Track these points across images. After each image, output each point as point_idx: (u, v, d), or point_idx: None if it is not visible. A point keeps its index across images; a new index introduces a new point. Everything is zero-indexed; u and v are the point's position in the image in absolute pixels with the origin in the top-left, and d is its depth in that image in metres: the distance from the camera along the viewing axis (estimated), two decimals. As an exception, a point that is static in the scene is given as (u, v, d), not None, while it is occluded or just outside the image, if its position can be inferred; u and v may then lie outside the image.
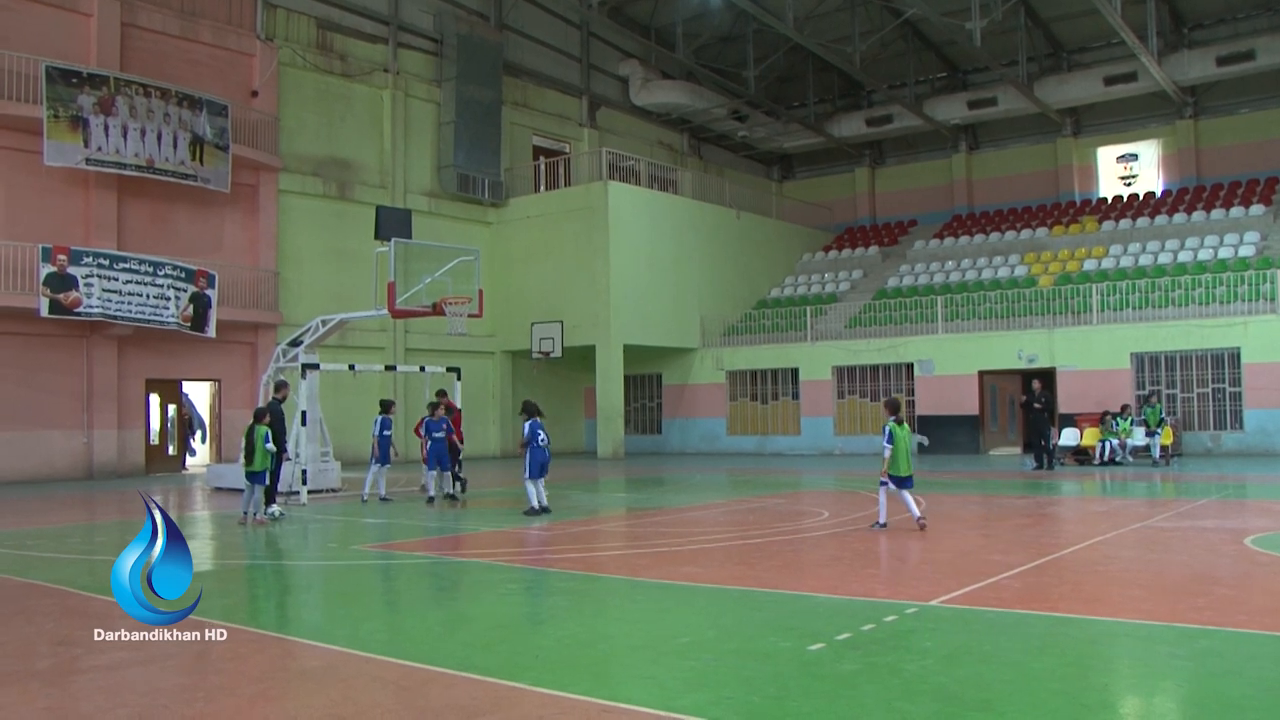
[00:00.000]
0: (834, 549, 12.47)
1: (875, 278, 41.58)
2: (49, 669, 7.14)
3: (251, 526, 15.59)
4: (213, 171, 29.24)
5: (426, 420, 19.53)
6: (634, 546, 13.36)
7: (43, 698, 6.51)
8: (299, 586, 10.98)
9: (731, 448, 37.96)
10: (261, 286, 31.31)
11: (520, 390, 37.58)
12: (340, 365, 23.23)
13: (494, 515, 17.26)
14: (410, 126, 36.27)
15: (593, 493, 21.88)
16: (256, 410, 16.60)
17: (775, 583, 10.12)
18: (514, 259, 37.76)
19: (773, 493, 21.04)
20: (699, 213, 39.63)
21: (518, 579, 10.78)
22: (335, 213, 33.69)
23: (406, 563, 12.27)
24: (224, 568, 12.13)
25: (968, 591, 9.35)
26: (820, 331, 37.28)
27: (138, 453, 29.05)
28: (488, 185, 37.71)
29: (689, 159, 47.39)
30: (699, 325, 38.76)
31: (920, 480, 23.49)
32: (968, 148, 47.23)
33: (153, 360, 29.24)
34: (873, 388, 35.58)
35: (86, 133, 26.78)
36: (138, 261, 27.28)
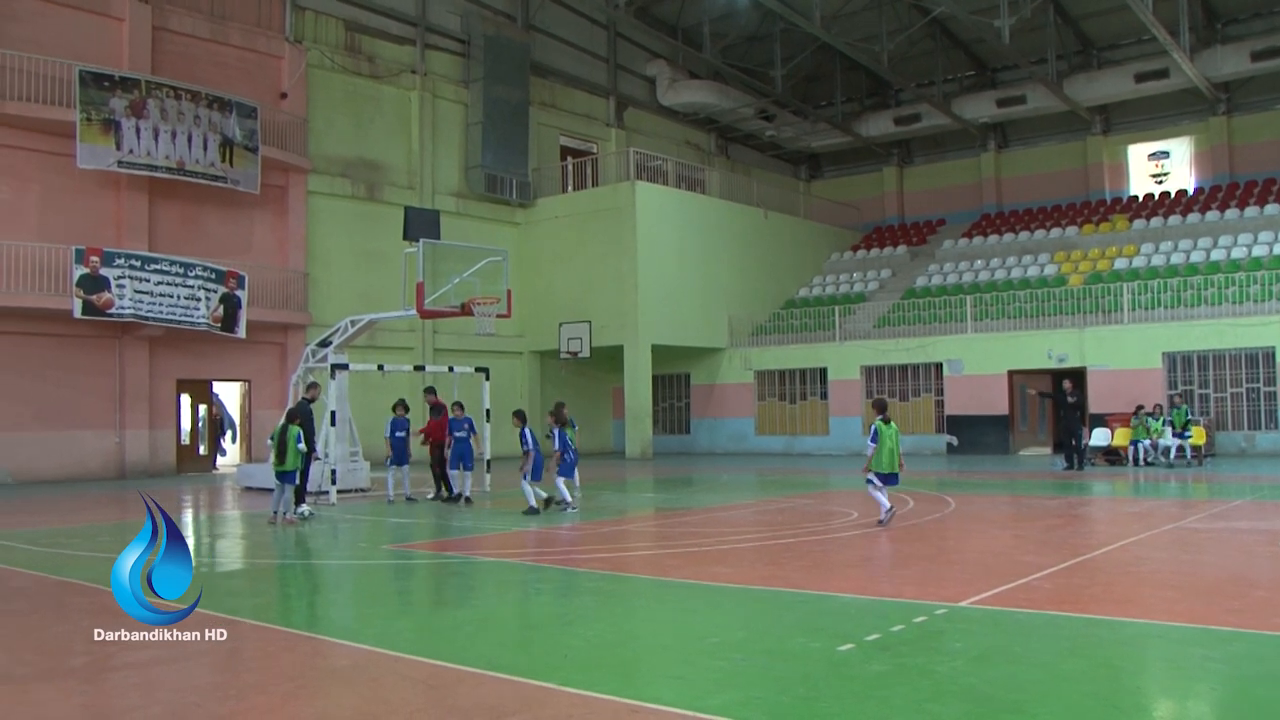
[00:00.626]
0: (863, 549, 12.43)
1: (904, 277, 41.42)
2: (84, 666, 7.21)
3: (281, 526, 15.67)
4: (242, 173, 29.43)
5: (450, 420, 19.62)
6: (663, 546, 13.36)
7: (78, 694, 6.57)
8: (328, 586, 11.03)
9: (760, 448, 37.89)
10: (291, 287, 31.48)
11: (548, 390, 37.62)
12: (369, 365, 23.31)
13: (521, 516, 17.28)
14: (438, 127, 36.39)
15: (621, 493, 21.88)
16: (289, 410, 16.71)
17: (804, 583, 10.10)
18: (542, 259, 37.82)
19: (801, 493, 21.00)
20: (727, 212, 39.58)
21: (546, 579, 10.79)
22: (364, 214, 33.84)
23: (435, 562, 12.31)
24: (254, 567, 12.21)
25: (998, 592, 9.29)
26: (848, 331, 37.17)
27: (169, 452, 29.27)
28: (515, 186, 37.79)
29: (716, 159, 47.34)
30: (727, 325, 38.71)
31: (949, 481, 23.53)
32: (996, 146, 46.96)
33: (183, 361, 29.46)
34: (902, 387, 35.44)
35: (118, 135, 27.01)
36: (169, 263, 27.49)
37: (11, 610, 9.46)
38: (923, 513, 16.27)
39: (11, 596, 10.16)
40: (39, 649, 7.53)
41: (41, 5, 27.24)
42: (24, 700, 6.43)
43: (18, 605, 9.70)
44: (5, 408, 26.39)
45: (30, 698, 6.46)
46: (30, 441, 26.80)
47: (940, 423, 34.58)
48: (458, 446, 19.19)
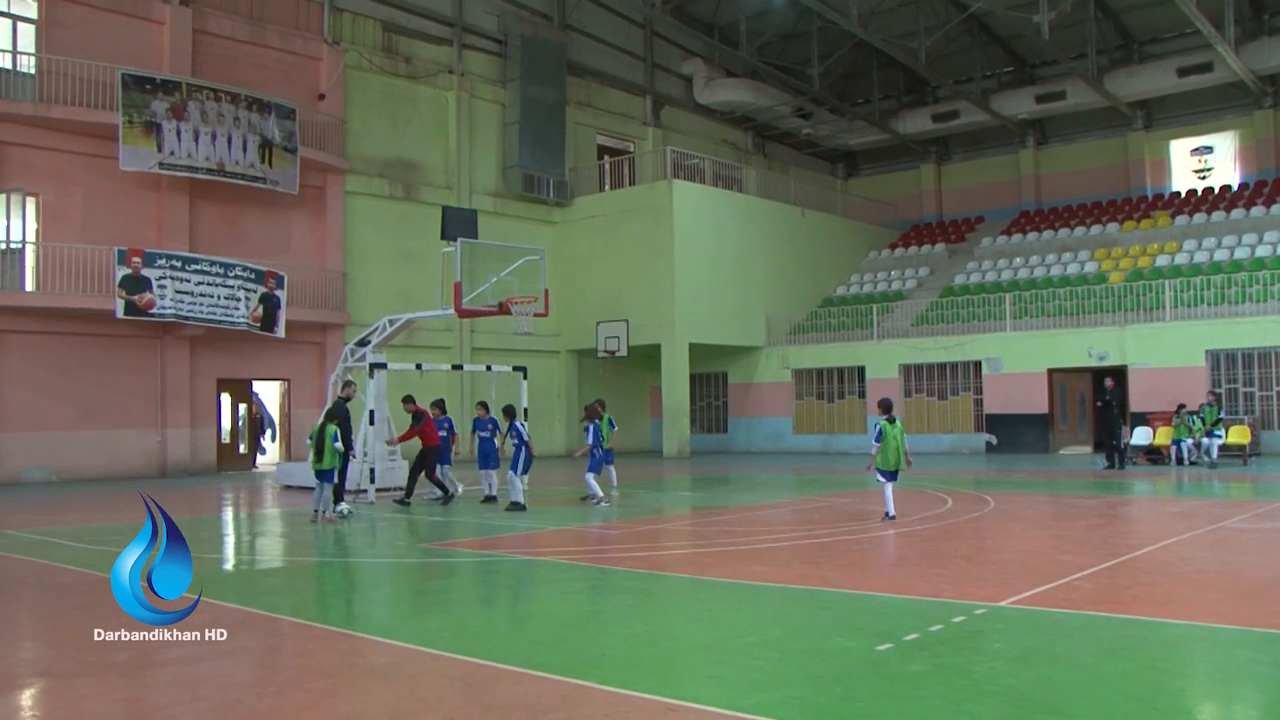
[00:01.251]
0: (901, 548, 12.37)
1: (942, 275, 41.18)
2: (125, 662, 7.28)
3: (321, 524, 15.78)
4: (281, 174, 29.65)
5: (474, 419, 19.72)
6: (699, 545, 13.35)
7: (121, 689, 6.64)
8: (366, 583, 11.09)
9: (797, 446, 37.79)
10: (329, 287, 31.68)
11: (586, 389, 37.67)
12: (407, 364, 23.43)
13: (558, 514, 17.32)
14: (475, 127, 36.52)
15: (658, 491, 21.88)
16: (327, 410, 16.82)
17: (842, 582, 10.07)
18: (579, 258, 37.88)
19: (838, 491, 20.95)
20: (764, 211, 39.50)
21: (583, 577, 10.80)
22: (401, 213, 34.02)
23: (472, 560, 12.36)
24: (293, 564, 12.30)
25: (1037, 593, 9.22)
26: (886, 329, 37.00)
27: (209, 451, 29.55)
28: (552, 185, 37.87)
29: (753, 157, 47.23)
30: (764, 323, 38.62)
31: (988, 480, 23.39)
32: (1035, 143, 46.56)
33: (223, 360, 29.73)
34: (940, 386, 35.24)
35: (160, 138, 27.30)
36: (209, 263, 27.74)
37: (55, 606, 9.58)
38: (961, 512, 16.17)
39: (56, 592, 10.29)
40: (81, 644, 7.62)
41: (86, 11, 27.56)
42: (68, 695, 6.50)
43: (62, 601, 9.83)
44: (49, 407, 26.74)
45: (74, 693, 6.54)
46: (74, 440, 27.14)
47: (979, 421, 34.35)
48: (482, 446, 19.29)
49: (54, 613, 9.23)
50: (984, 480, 23.20)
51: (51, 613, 9.26)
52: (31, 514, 18.24)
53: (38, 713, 6.28)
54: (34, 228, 26.96)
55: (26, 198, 26.78)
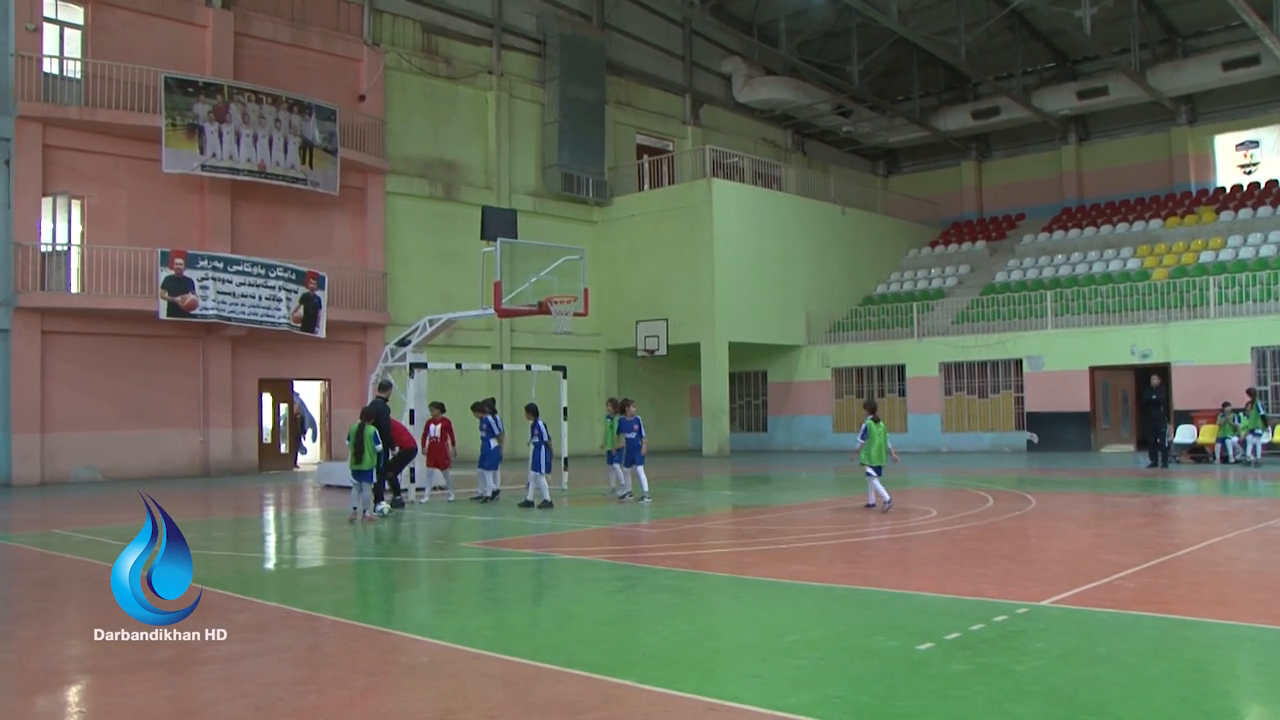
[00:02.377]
0: (942, 547, 12.30)
1: (983, 272, 40.90)
2: (170, 659, 7.36)
3: (360, 524, 15.88)
4: (322, 175, 29.86)
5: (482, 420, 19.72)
6: (740, 544, 13.34)
7: (166, 686, 6.72)
8: (406, 582, 11.14)
9: (837, 445, 37.61)
10: (370, 287, 31.88)
11: (625, 389, 37.71)
12: (447, 364, 23.52)
13: (598, 514, 17.35)
14: (514, 127, 36.63)
15: (698, 490, 21.88)
16: (364, 410, 16.91)
17: (883, 581, 10.05)
18: (619, 257, 37.92)
19: (879, 491, 20.82)
20: (804, 209, 39.39)
21: (623, 576, 10.81)
22: (441, 214, 34.17)
23: (512, 560, 12.40)
24: (334, 564, 12.38)
25: (1081, 592, 9.15)
26: (927, 328, 36.80)
27: (251, 451, 29.81)
28: (592, 184, 37.93)
29: (793, 155, 47.11)
30: (804, 322, 38.52)
31: (1029, 478, 23.24)
32: (1078, 139, 46.12)
33: (265, 360, 29.99)
34: (981, 384, 35.01)
35: (202, 140, 27.56)
36: (250, 264, 27.97)
37: (101, 604, 9.70)
38: (1002, 511, 16.06)
39: (103, 590, 10.40)
40: (127, 641, 7.71)
41: (130, 15, 27.87)
42: (115, 691, 6.59)
43: (109, 599, 9.93)
44: (95, 406, 27.07)
45: (122, 689, 6.62)
46: (119, 440, 27.45)
47: (1020, 420, 34.10)
48: (483, 446, 19.42)
49: (101, 610, 9.35)
50: (1025, 479, 23.02)
51: (98, 610, 9.38)
52: (80, 513, 18.48)
53: (85, 709, 6.37)
54: (79, 230, 27.31)
55: (72, 200, 27.13)
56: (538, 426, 17.98)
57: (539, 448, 17.88)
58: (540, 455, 17.84)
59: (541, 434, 17.93)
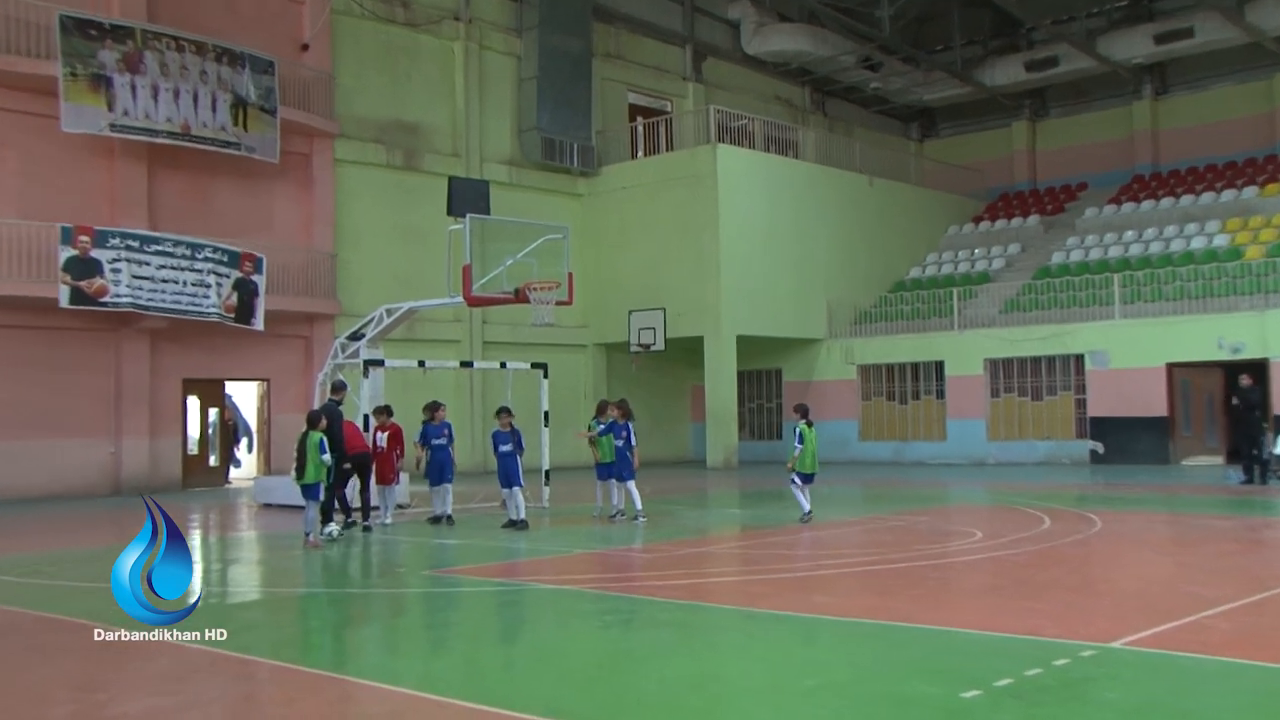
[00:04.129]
0: (990, 576, 12.28)
1: (1036, 253, 40.87)
2: (67, 717, 7.28)
3: (305, 548, 15.81)
4: (258, 138, 29.74)
5: (426, 427, 19.50)
6: (750, 571, 13.33)
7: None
8: (359, 618, 11.10)
9: (864, 455, 37.63)
10: (317, 271, 31.77)
11: (616, 390, 37.60)
12: (409, 361, 23.45)
13: (585, 536, 17.31)
14: (486, 84, 36.56)
15: (701, 508, 21.86)
16: (310, 414, 16.84)
17: (919, 616, 10.01)
18: (608, 236, 37.90)
19: (915, 508, 20.90)
20: (824, 179, 39.35)
21: (614, 609, 10.79)
22: (401, 185, 34.10)
23: (485, 590, 12.34)
24: (273, 596, 12.32)
25: (1159, 631, 9.11)
26: (970, 318, 36.76)
27: (174, 464, 29.59)
28: (577, 151, 37.87)
29: (812, 116, 47.06)
30: (825, 312, 38.49)
31: (1093, 495, 23.23)
32: (1154, 91, 45.88)
33: (191, 357, 29.81)
34: (1034, 384, 34.95)
35: (110, 94, 27.26)
36: (173, 243, 27.73)
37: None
38: (1061, 533, 16.04)
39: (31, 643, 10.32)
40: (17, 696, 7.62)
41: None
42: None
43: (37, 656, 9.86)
44: (-18, 413, 26.84)
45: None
46: (9, 452, 27.01)
47: (1081, 426, 34.03)
48: (436, 457, 19.20)
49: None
50: (1088, 496, 23.03)
51: None
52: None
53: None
54: (-41, 201, 27.05)
55: (-48, 165, 26.92)
56: (515, 433, 18.20)
57: (513, 458, 17.99)
58: (516, 466, 18.00)
59: (520, 443, 18.15)
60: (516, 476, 17.98)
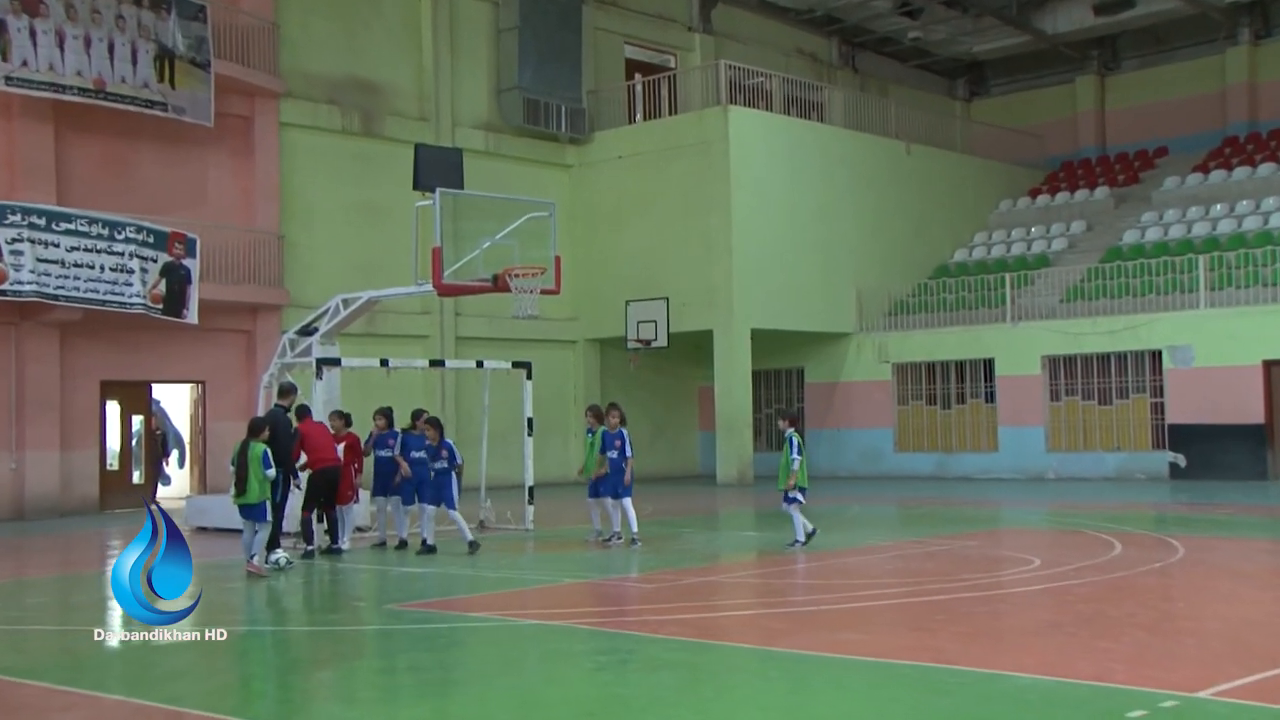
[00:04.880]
0: (1049, 611, 12.29)
1: (1105, 231, 40.85)
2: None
3: (257, 576, 15.82)
4: (188, 97, 29.60)
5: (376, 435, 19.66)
6: (767, 605, 13.36)
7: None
8: (311, 660, 11.12)
9: (901, 469, 37.64)
10: (260, 254, 31.70)
11: (610, 391, 37.60)
12: (369, 360, 23.45)
13: (574, 563, 17.32)
14: (458, 34, 36.52)
15: (711, 530, 21.88)
16: (251, 422, 16.82)
17: (966, 657, 10.02)
18: (602, 214, 37.93)
19: (960, 531, 20.88)
20: (854, 147, 39.34)
21: (608, 648, 10.83)
22: (359, 154, 34.06)
23: (459, 627, 12.37)
24: (208, 637, 12.29)
25: (1256, 681, 9.10)
26: (1025, 308, 36.74)
27: (89, 482, 29.37)
28: (565, 114, 37.83)
29: (840, 73, 46.98)
30: (855, 302, 38.50)
31: (1174, 517, 23.25)
32: (1253, 36, 45.39)
33: (111, 356, 29.67)
34: (1102, 385, 34.91)
35: (5, 42, 26.93)
36: (87, 221, 27.55)
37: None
38: (1135, 561, 16.04)
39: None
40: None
41: None
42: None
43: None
44: None
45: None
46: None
47: (1159, 435, 34.03)
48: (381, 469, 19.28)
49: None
50: (1168, 517, 23.05)
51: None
52: None
53: None
54: None
55: None
56: (448, 445, 18.42)
57: (449, 475, 18.26)
58: (453, 484, 18.31)
59: (454, 455, 18.35)
60: (450, 496, 18.19)
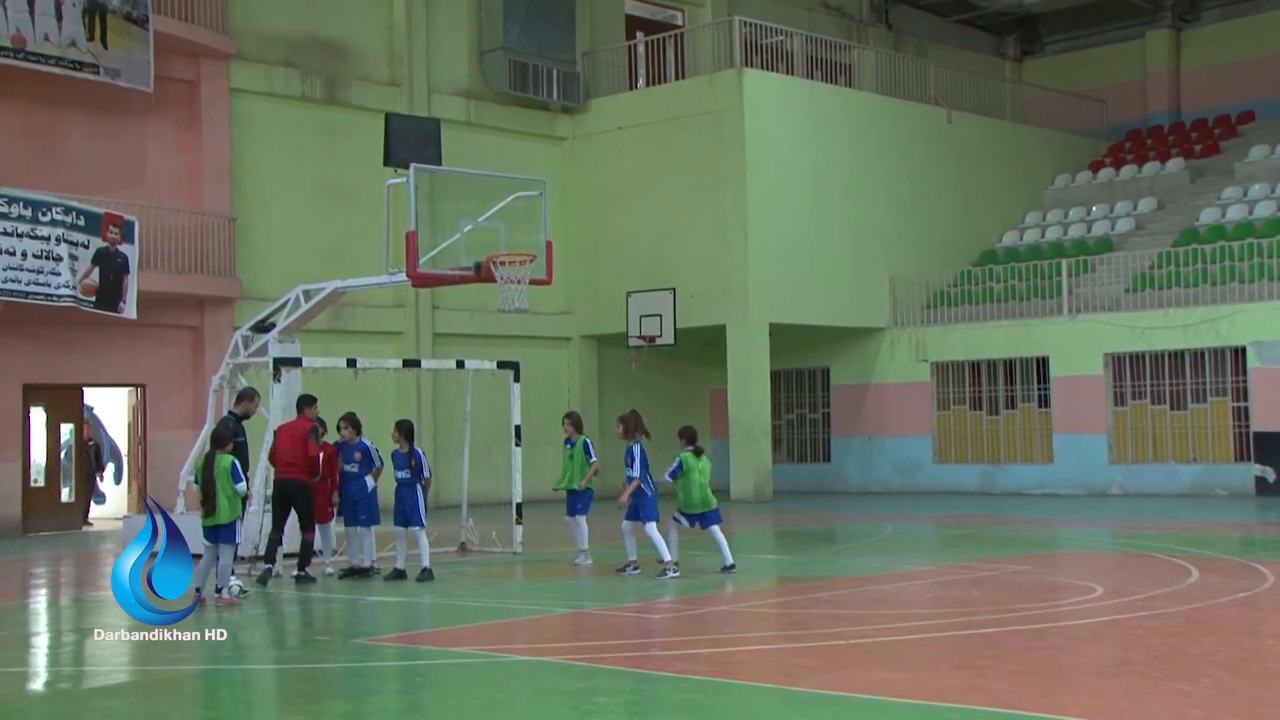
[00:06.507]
0: (1116, 647, 12.30)
1: (1179, 210, 40.79)
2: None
3: (216, 608, 15.80)
4: (124, 58, 29.57)
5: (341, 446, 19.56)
6: (790, 638, 13.40)
7: None
8: (270, 703, 11.12)
9: (940, 483, 37.64)
10: (209, 239, 31.67)
11: (609, 394, 37.67)
12: (335, 360, 23.46)
13: (571, 588, 17.33)
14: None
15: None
16: (214, 433, 16.83)
17: (1020, 700, 10.01)
18: (600, 193, 37.97)
19: (1010, 554, 20.81)
20: (887, 115, 39.37)
21: (611, 688, 10.83)
22: (321, 124, 34.09)
23: (438, 664, 12.38)
24: (150, 677, 12.27)
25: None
26: (1085, 299, 36.71)
27: (11, 500, 29.24)
28: (557, 79, 37.83)
29: (871, 30, 46.97)
30: (888, 292, 38.54)
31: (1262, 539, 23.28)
32: (1359, -20, 45.68)
33: (36, 356, 29.62)
34: (1175, 388, 34.83)
35: (-93, -7, 27.18)
36: (6, 201, 27.32)
37: None
38: (1216, 590, 16.03)
39: None
40: None
41: None
42: None
43: None
44: None
45: None
46: None
47: (1242, 444, 33.99)
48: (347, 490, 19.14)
49: None
50: (1254, 540, 23.07)
51: None
52: None
53: None
54: None
55: None
56: (419, 455, 18.67)
57: (412, 487, 18.46)
58: (420, 500, 18.55)
59: (422, 467, 18.61)
60: (417, 514, 18.38)
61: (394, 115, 22.07)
